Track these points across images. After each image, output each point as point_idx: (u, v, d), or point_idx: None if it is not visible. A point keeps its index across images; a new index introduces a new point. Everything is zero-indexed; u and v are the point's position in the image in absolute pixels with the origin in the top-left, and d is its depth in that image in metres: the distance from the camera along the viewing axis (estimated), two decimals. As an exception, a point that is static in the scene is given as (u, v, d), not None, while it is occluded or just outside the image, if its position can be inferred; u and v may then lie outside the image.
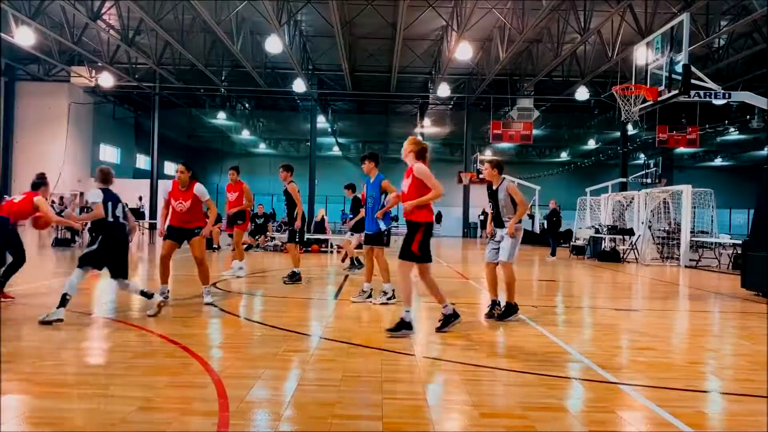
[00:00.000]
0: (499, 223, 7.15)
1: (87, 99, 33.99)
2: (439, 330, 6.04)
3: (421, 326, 6.70)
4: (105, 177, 6.85)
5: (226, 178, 11.49)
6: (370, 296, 8.15)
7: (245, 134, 45.87)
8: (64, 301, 5.97)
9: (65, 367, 4.44)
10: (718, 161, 49.97)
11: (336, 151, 48.91)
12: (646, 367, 5.01)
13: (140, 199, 23.46)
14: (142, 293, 6.61)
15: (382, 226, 8.20)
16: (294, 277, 9.96)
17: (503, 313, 6.95)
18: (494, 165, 7.33)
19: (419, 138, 6.76)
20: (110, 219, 6.56)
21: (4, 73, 31.05)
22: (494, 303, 7.11)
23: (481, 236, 37.86)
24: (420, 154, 6.17)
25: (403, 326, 5.82)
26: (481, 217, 38.50)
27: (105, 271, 6.54)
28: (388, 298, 7.96)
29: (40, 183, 7.78)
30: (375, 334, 5.95)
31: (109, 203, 6.62)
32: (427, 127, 40.01)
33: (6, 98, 31.61)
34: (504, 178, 7.26)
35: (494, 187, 7.20)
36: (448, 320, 6.12)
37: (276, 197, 43.25)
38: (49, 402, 3.66)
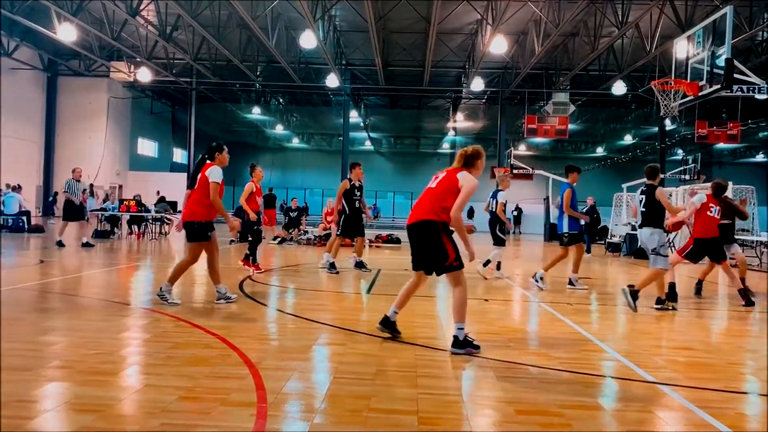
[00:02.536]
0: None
1: (126, 94, 34.64)
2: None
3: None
4: (502, 182, 11.03)
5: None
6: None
7: (279, 129, 46.24)
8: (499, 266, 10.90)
9: (107, 356, 4.55)
10: (760, 157, 48.58)
11: (368, 145, 48.98)
12: (684, 366, 4.93)
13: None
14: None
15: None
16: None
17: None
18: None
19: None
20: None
21: (47, 69, 31.87)
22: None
23: (513, 233, 37.55)
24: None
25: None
26: (515, 213, 38.18)
27: (143, 263, 6.66)
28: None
29: None
30: (408, 328, 5.96)
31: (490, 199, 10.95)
32: (460, 121, 39.77)
33: (48, 93, 32.45)
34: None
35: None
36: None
37: (308, 191, 43.61)
38: (92, 389, 3.76)
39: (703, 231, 8.36)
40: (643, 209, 7.79)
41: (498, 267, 11.06)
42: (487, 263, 10.80)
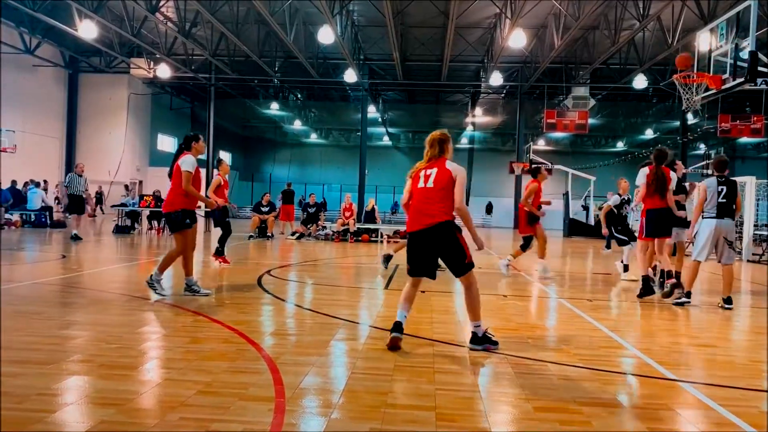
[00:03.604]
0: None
1: (145, 90, 34.97)
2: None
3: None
4: (620, 186, 10.91)
5: (278, 167, 11.68)
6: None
7: (297, 124, 46.40)
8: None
9: (127, 350, 4.59)
10: (784, 152, 47.73)
11: (386, 141, 48.97)
12: (705, 364, 4.87)
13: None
14: None
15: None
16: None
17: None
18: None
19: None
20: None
21: (69, 66, 32.26)
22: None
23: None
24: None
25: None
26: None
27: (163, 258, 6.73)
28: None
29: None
30: (426, 324, 5.95)
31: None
32: (479, 116, 39.57)
33: (70, 90, 32.86)
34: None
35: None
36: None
37: (327, 187, 43.71)
38: (112, 383, 3.79)
39: (652, 202, 8.41)
40: (724, 200, 7.81)
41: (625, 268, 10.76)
42: (626, 269, 10.53)
